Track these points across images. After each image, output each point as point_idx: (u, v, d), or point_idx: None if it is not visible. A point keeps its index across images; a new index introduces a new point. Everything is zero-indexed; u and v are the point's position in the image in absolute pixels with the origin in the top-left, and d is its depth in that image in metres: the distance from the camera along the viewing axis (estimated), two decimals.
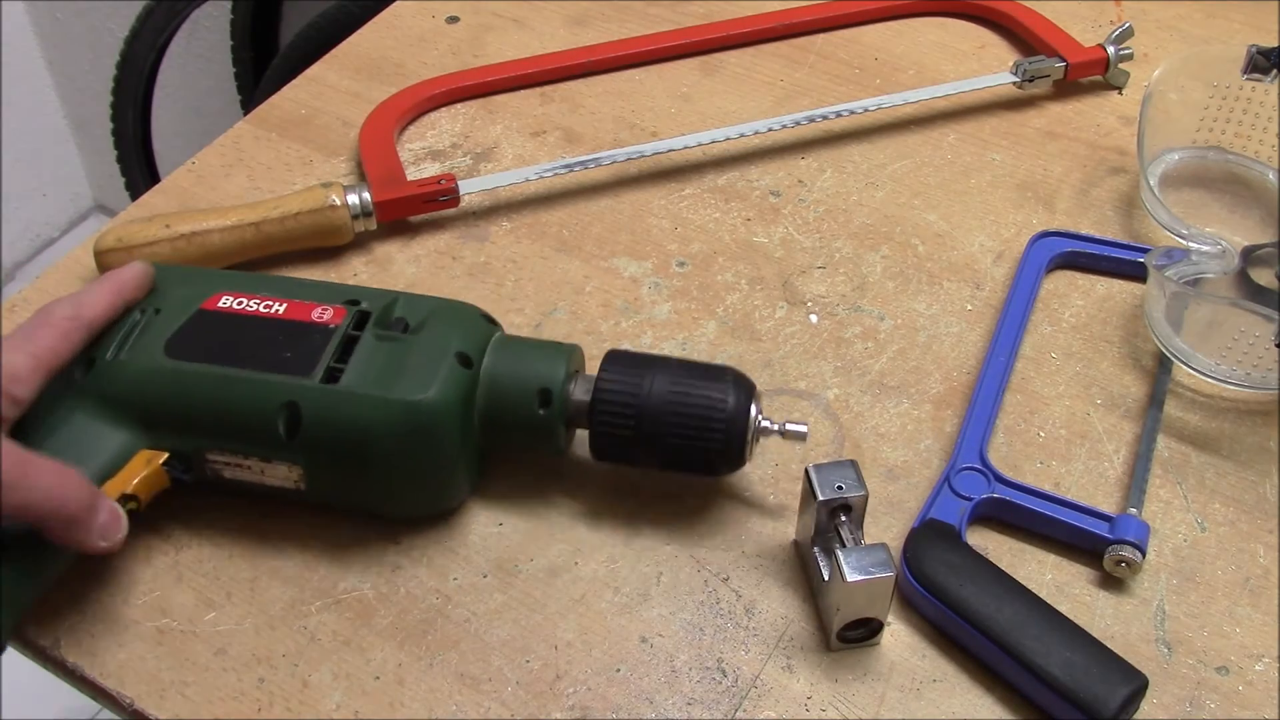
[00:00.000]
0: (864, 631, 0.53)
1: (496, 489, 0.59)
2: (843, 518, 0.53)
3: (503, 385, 0.56)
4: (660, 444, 0.55)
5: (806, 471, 0.54)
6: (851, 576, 0.50)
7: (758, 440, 0.56)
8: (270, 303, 0.57)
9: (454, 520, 0.58)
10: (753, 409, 0.55)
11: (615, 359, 0.57)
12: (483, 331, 0.57)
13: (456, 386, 0.54)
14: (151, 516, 0.56)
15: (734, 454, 0.55)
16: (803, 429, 0.56)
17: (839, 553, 0.51)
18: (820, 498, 0.53)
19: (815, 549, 0.54)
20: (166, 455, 0.55)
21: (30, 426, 0.53)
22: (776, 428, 0.56)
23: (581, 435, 0.58)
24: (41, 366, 0.53)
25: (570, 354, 0.57)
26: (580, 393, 0.56)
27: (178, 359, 0.55)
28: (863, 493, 0.53)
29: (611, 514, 0.59)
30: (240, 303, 0.57)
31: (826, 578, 0.53)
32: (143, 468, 0.54)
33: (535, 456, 0.60)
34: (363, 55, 0.86)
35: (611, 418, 0.55)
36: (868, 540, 0.55)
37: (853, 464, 0.54)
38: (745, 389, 0.56)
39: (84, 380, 0.55)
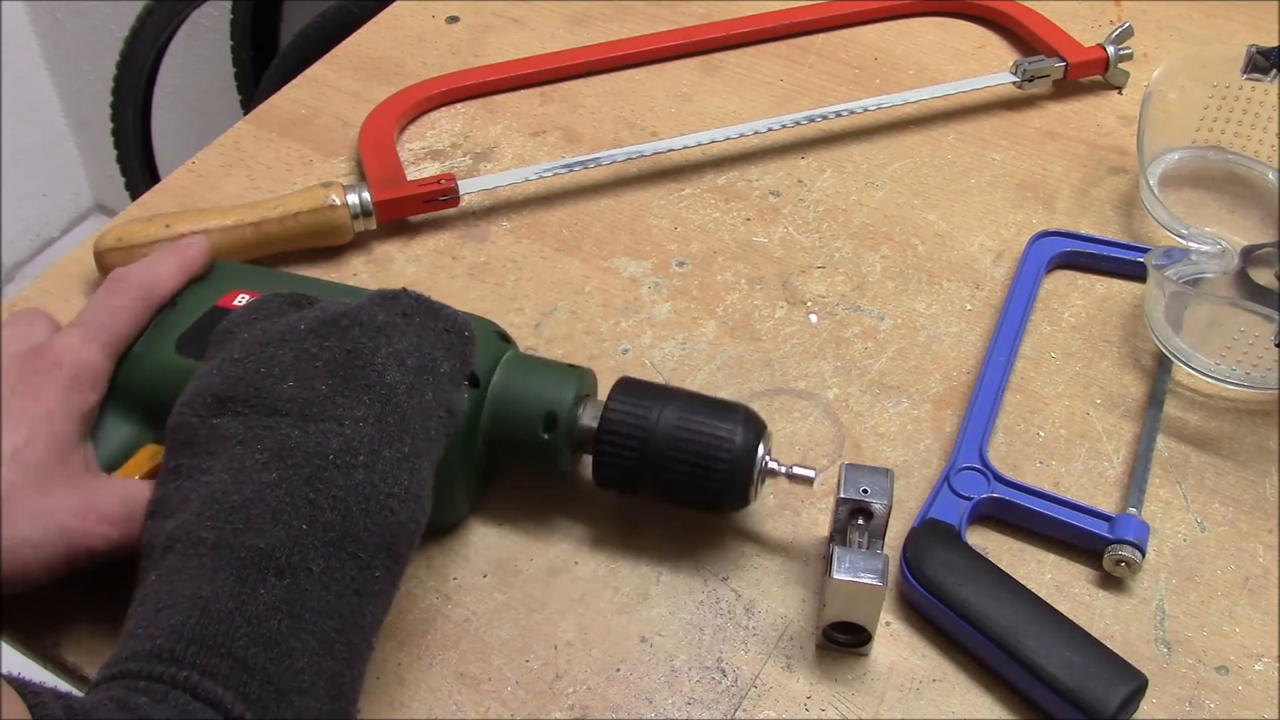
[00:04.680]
0: (851, 639, 0.53)
1: (498, 493, 0.59)
2: (860, 521, 0.53)
3: (509, 406, 0.55)
4: (664, 474, 0.54)
5: (840, 467, 0.54)
6: (838, 575, 0.50)
7: (764, 481, 0.55)
8: None
9: (451, 526, 0.58)
10: (760, 448, 0.54)
11: (626, 387, 0.55)
12: (494, 350, 0.56)
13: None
14: None
15: (738, 491, 0.54)
16: (810, 474, 0.55)
17: (836, 550, 0.51)
18: (840, 494, 0.53)
19: (831, 545, 0.54)
20: None
21: None
22: (783, 470, 0.55)
23: (587, 458, 0.57)
24: (115, 356, 0.55)
25: (581, 378, 0.56)
26: (588, 418, 0.55)
27: (188, 356, 0.55)
28: (885, 503, 0.52)
29: (612, 515, 0.59)
30: None
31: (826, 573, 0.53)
32: (147, 463, 0.54)
33: (539, 476, 0.59)
34: (363, 55, 0.86)
35: (616, 445, 0.54)
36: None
37: (888, 473, 0.53)
38: (755, 427, 0.54)
39: None
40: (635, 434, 0.54)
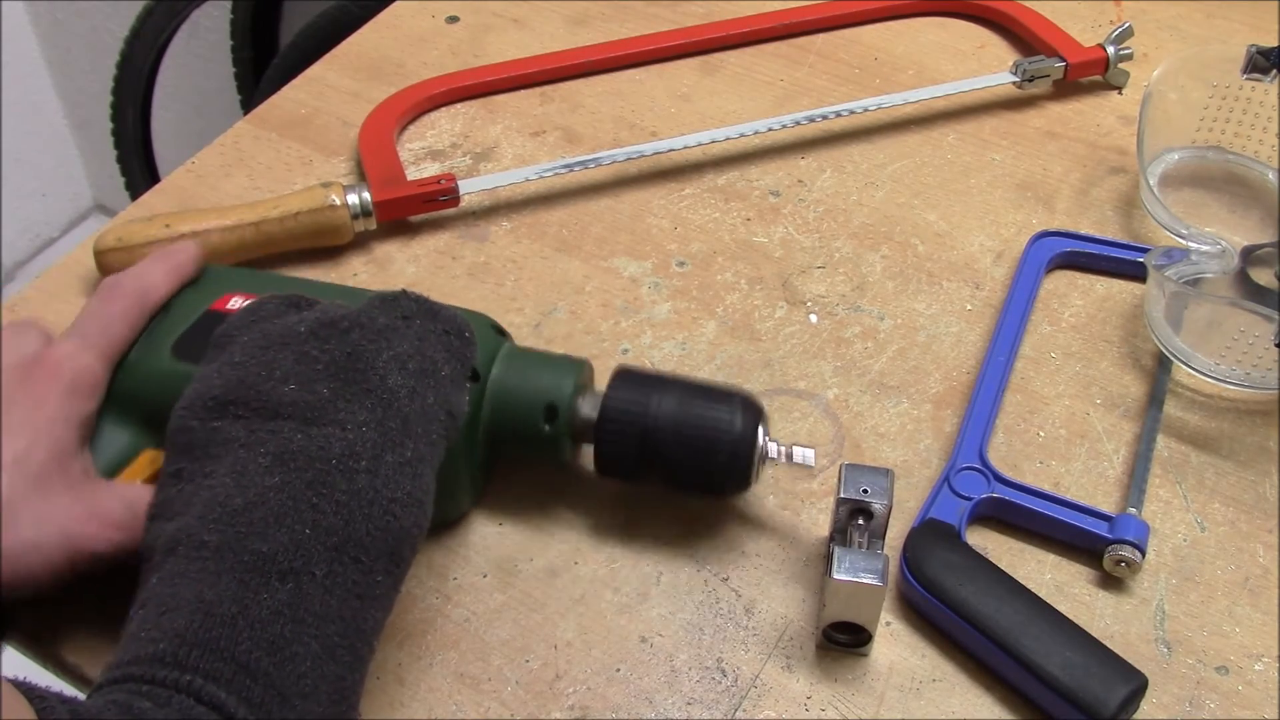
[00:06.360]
0: (851, 639, 0.53)
1: (498, 491, 0.59)
2: (860, 521, 0.53)
3: (509, 400, 0.55)
4: (665, 463, 0.55)
5: (840, 467, 0.54)
6: (838, 575, 0.50)
7: (764, 464, 0.55)
8: None
9: (454, 520, 0.58)
10: (760, 432, 0.55)
11: (624, 376, 0.56)
12: (491, 344, 0.56)
13: None
14: None
15: (739, 476, 0.55)
16: (810, 458, 0.55)
17: (836, 550, 0.51)
18: (840, 494, 0.53)
19: (831, 545, 0.54)
20: None
21: None
22: (783, 451, 0.55)
23: (587, 448, 0.57)
24: (112, 363, 0.55)
25: (579, 369, 0.57)
26: (587, 409, 0.55)
27: (184, 360, 0.55)
28: (885, 503, 0.52)
29: (612, 515, 0.59)
30: None
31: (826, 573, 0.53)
32: (148, 468, 0.54)
33: (539, 467, 0.60)
34: (363, 55, 0.86)
35: (617, 435, 0.55)
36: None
37: (888, 473, 0.53)
38: (753, 412, 0.55)
39: None
40: (636, 423, 0.54)
